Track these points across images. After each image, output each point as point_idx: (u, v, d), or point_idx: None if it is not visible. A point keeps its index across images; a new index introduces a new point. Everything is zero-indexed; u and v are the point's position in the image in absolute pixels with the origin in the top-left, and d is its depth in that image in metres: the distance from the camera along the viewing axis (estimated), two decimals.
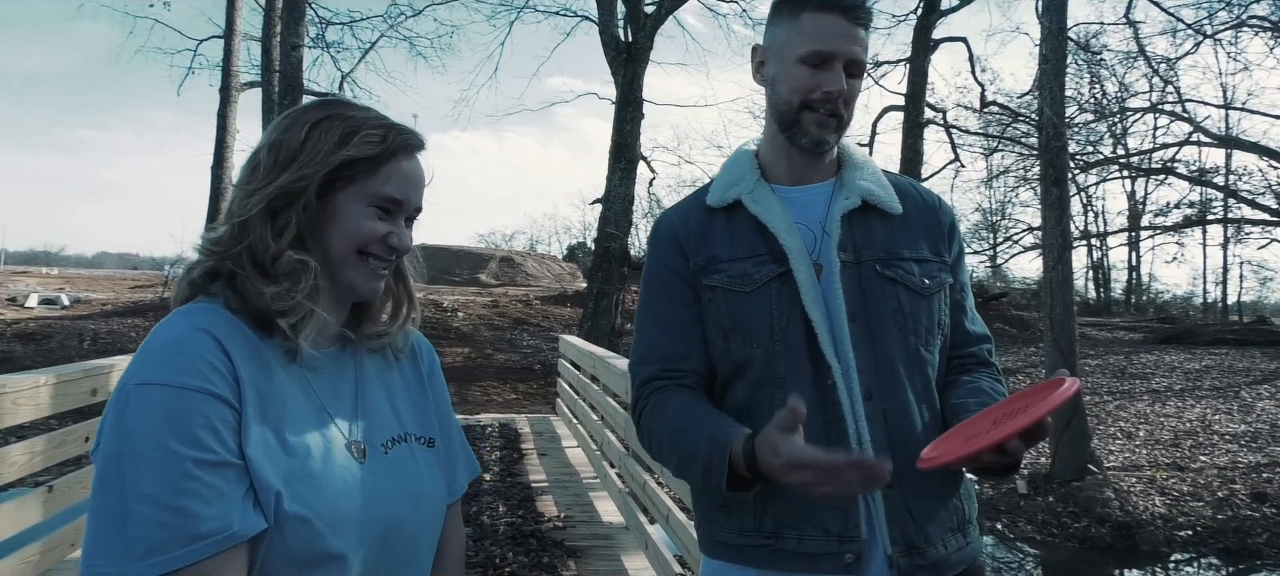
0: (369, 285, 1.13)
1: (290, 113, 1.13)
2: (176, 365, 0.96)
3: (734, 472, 1.34)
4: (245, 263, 1.05)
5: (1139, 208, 32.20)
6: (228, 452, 0.96)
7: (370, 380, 1.18)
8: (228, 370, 0.99)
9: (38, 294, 23.71)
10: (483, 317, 20.17)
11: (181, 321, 1.02)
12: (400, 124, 1.14)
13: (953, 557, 1.46)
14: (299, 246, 1.06)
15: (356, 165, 1.08)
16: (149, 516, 0.91)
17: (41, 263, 53.11)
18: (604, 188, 14.52)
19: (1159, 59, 18.82)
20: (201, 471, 0.93)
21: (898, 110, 16.44)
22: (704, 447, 1.38)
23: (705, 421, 1.42)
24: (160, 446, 0.92)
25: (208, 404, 0.96)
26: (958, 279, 1.58)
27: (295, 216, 1.06)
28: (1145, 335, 21.99)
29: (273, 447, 1.00)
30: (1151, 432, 12.16)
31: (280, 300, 1.04)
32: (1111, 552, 8.32)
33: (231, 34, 15.00)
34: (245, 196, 1.07)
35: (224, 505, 0.94)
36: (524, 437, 8.49)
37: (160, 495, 0.91)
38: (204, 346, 0.98)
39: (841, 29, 1.45)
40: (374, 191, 1.09)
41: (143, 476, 0.91)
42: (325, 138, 1.08)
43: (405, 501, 1.12)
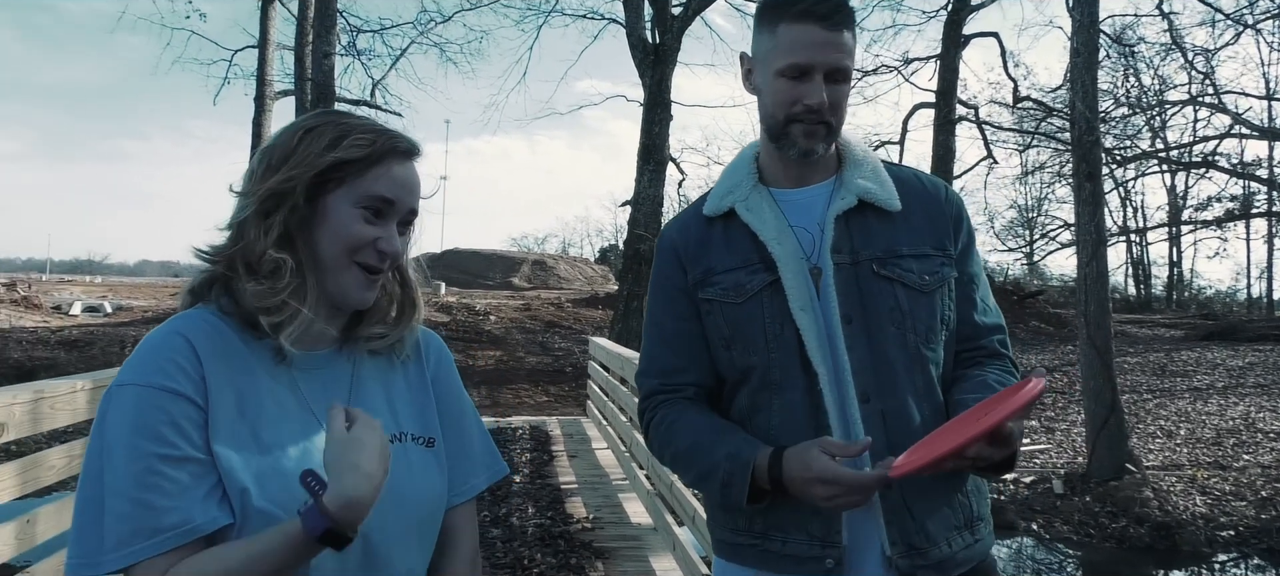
0: (360, 294, 1.14)
1: (289, 122, 1.17)
2: (147, 366, 1.02)
3: (753, 486, 1.41)
4: (238, 265, 1.09)
5: (1179, 202, 31.59)
6: (192, 448, 1.00)
7: (367, 381, 1.19)
8: (194, 370, 1.03)
9: (82, 302, 24.25)
10: (515, 321, 20.28)
11: (166, 324, 1.08)
12: (393, 129, 1.16)
13: (959, 556, 1.45)
14: (283, 246, 1.08)
15: (346, 166, 1.10)
16: (118, 510, 0.96)
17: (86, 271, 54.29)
18: (633, 190, 14.54)
19: (1197, 50, 18.45)
20: (165, 466, 0.98)
21: (929, 107, 16.29)
22: (723, 464, 1.44)
23: (721, 438, 1.47)
24: (129, 443, 0.98)
25: (171, 402, 1.00)
26: (965, 271, 1.55)
27: (283, 216, 1.09)
28: (1187, 332, 21.56)
29: (246, 445, 1.03)
30: (1193, 431, 11.93)
31: (262, 298, 1.07)
32: (1151, 553, 8.16)
33: (265, 44, 15.23)
34: (243, 200, 1.11)
35: (186, 499, 0.98)
36: (554, 439, 8.53)
37: (128, 489, 0.96)
38: (173, 347, 1.04)
39: (819, 38, 1.43)
40: (363, 192, 1.11)
41: (116, 472, 0.97)
42: (316, 142, 1.11)
43: (388, 500, 1.10)
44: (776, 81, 1.47)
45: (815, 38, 1.43)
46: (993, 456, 1.26)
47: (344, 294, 1.13)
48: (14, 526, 3.37)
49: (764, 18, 1.50)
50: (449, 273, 33.72)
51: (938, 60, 15.50)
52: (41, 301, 24.42)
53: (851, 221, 1.50)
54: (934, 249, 1.52)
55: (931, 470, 1.24)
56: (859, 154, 1.58)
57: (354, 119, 1.15)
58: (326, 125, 1.13)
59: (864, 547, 1.44)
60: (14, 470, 3.38)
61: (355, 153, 1.11)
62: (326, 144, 1.10)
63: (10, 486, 3.34)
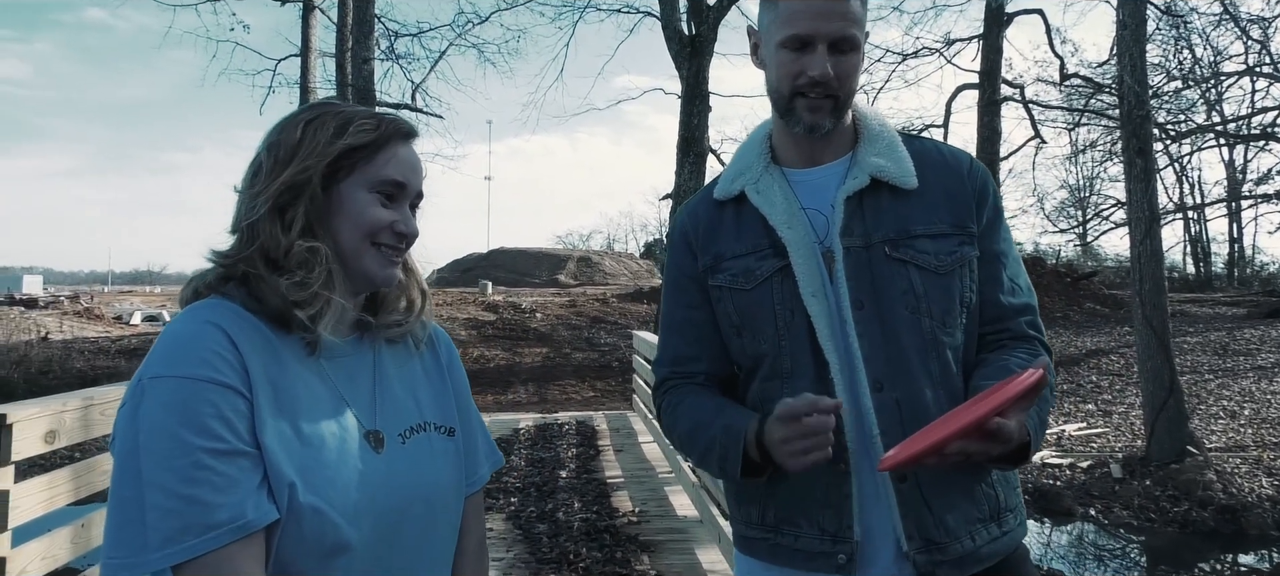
0: (384, 272, 1.14)
1: (281, 118, 1.16)
2: (185, 358, 0.98)
3: (747, 459, 1.37)
4: (258, 263, 1.07)
5: (1238, 176, 30.61)
6: (240, 441, 0.97)
7: (388, 370, 1.19)
8: (236, 360, 1.00)
9: (142, 311, 24.93)
10: (560, 317, 20.37)
11: (190, 316, 1.05)
12: (391, 113, 1.17)
13: (983, 549, 1.38)
14: (309, 236, 1.08)
15: (355, 153, 1.11)
16: (164, 506, 0.93)
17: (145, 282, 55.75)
18: (674, 183, 14.49)
19: (1252, 18, 17.83)
20: (214, 460, 0.95)
21: (972, 88, 15.99)
22: (720, 437, 1.41)
23: (719, 413, 1.44)
24: (172, 437, 0.94)
25: (217, 393, 0.97)
26: (989, 249, 1.47)
27: (303, 208, 1.08)
28: (1249, 309, 20.91)
29: (288, 438, 1.01)
30: (1257, 411, 11.55)
31: (296, 290, 1.05)
32: (1215, 537, 7.92)
33: (307, 52, 15.43)
34: (251, 200, 1.09)
35: (237, 494, 0.95)
36: (600, 434, 8.54)
37: (174, 485, 0.93)
38: (212, 338, 1.01)
39: (820, 8, 1.38)
40: (375, 176, 1.12)
41: (157, 467, 0.94)
42: (321, 131, 1.10)
43: (420, 490, 1.13)
44: (779, 54, 1.43)
45: (817, 7, 1.38)
46: (989, 451, 1.18)
47: (369, 275, 1.13)
48: (69, 531, 3.45)
49: None
50: (495, 272, 34.01)
51: (980, 40, 15.19)
52: (103, 312, 25.13)
53: (864, 201, 1.44)
54: (952, 227, 1.44)
55: (914, 464, 1.19)
56: (875, 128, 1.51)
57: (349, 106, 1.15)
58: (326, 115, 1.13)
59: (878, 542, 1.38)
60: (67, 476, 3.46)
61: (363, 138, 1.11)
62: (333, 132, 1.10)
63: (65, 492, 3.42)
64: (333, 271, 1.09)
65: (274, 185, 1.08)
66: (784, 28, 1.41)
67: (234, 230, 1.11)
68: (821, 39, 1.39)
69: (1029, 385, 1.14)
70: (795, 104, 1.43)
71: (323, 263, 1.08)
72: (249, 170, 1.13)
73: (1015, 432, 1.19)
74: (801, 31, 1.39)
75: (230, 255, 1.09)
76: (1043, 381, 1.16)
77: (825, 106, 1.42)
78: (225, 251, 1.11)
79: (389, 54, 16.27)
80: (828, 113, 1.43)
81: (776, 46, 1.43)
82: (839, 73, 1.40)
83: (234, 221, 1.12)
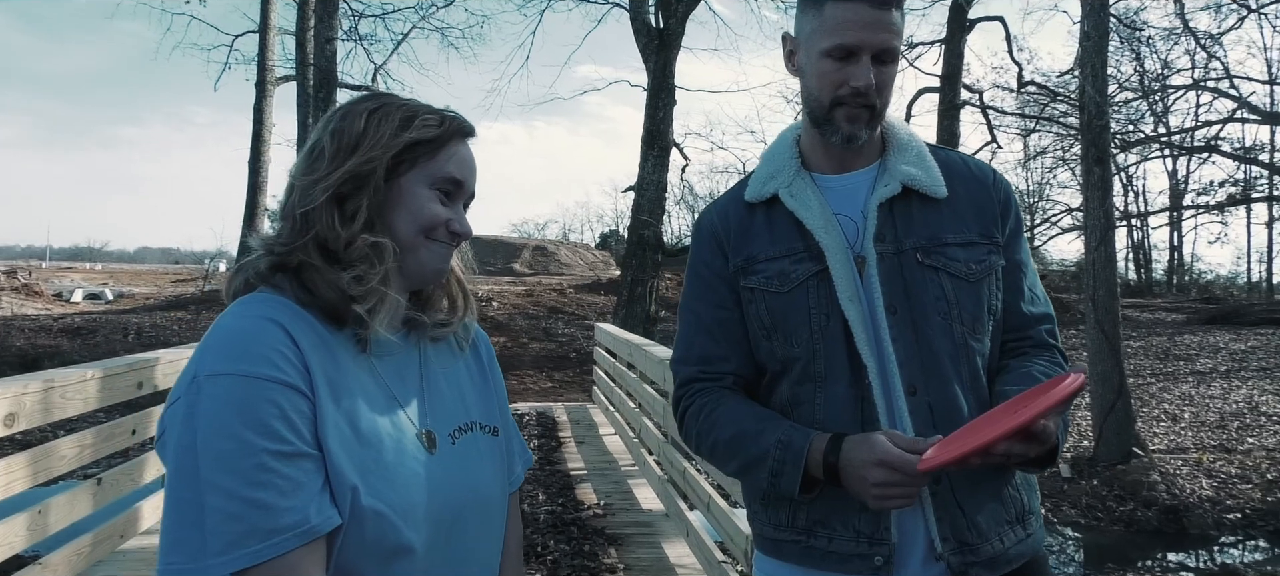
0: (439, 265, 1.13)
1: (342, 105, 1.13)
2: (246, 355, 0.95)
3: (805, 476, 1.37)
4: (314, 253, 1.04)
5: (1181, 187, 31.50)
6: (304, 443, 0.94)
7: (434, 368, 1.17)
8: (298, 359, 0.97)
9: (83, 289, 24.24)
10: (517, 306, 20.26)
11: (245, 311, 1.01)
12: (451, 110, 1.15)
13: (1011, 551, 1.41)
14: (371, 230, 1.06)
15: (418, 148, 1.09)
16: (225, 509, 0.89)
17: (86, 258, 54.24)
18: (637, 175, 14.48)
19: (1202, 34, 18.38)
20: (277, 462, 0.91)
21: (933, 92, 16.20)
22: (773, 452, 1.39)
23: (767, 426, 1.43)
24: (234, 438, 0.91)
25: (280, 393, 0.94)
26: (1012, 258, 1.50)
27: (366, 200, 1.05)
28: (1188, 316, 21.57)
29: (348, 439, 0.99)
30: (1197, 414, 11.94)
31: (355, 285, 1.03)
32: (1159, 536, 8.17)
33: (266, 28, 15.13)
34: (308, 187, 1.06)
35: (302, 497, 0.92)
36: (561, 426, 8.51)
37: (236, 487, 0.89)
38: (273, 336, 0.97)
39: (866, 18, 1.38)
40: (436, 172, 1.10)
41: (218, 469, 0.90)
42: (386, 123, 1.08)
43: (472, 490, 1.12)
44: (821, 62, 1.42)
45: (863, 17, 1.38)
46: (1027, 453, 1.22)
47: (423, 270, 1.11)
48: (26, 517, 3.34)
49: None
50: None
51: (943, 44, 15.40)
52: (42, 289, 24.39)
53: (895, 209, 1.46)
54: (980, 236, 1.47)
55: (959, 465, 1.21)
56: (904, 137, 1.53)
57: (412, 100, 1.14)
58: (391, 106, 1.10)
59: (911, 544, 1.40)
60: (25, 460, 3.35)
61: (427, 133, 1.09)
62: (398, 125, 1.08)
63: (22, 477, 3.31)
64: (391, 267, 1.07)
65: (336, 174, 1.05)
66: (829, 37, 1.40)
67: (284, 216, 1.08)
68: (867, 50, 1.39)
69: (1073, 390, 1.16)
70: (835, 113, 1.43)
71: (386, 259, 1.05)
72: (305, 155, 1.10)
73: (1054, 435, 1.23)
74: (848, 41, 1.39)
75: (284, 243, 1.05)
76: (1083, 387, 1.19)
77: (863, 116, 1.43)
78: (276, 238, 1.07)
79: (352, 34, 16.02)
80: (865, 123, 1.44)
81: (819, 55, 1.42)
82: (879, 84, 1.41)
83: (284, 207, 1.08)
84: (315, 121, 12.03)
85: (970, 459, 1.17)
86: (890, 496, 1.27)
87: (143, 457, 4.48)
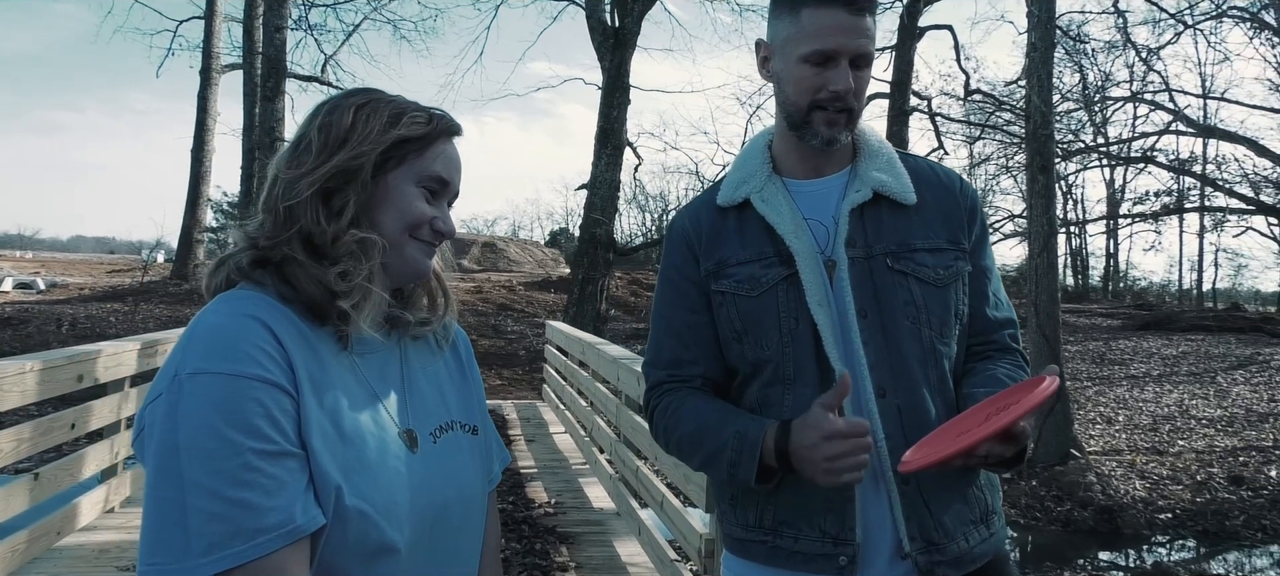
0: (423, 263, 1.13)
1: (329, 99, 1.12)
2: (229, 353, 0.93)
3: (762, 465, 1.38)
4: (298, 248, 1.02)
5: (1118, 196, 32.48)
6: (288, 442, 0.93)
7: (415, 367, 1.16)
8: (282, 357, 0.96)
9: (12, 278, 23.41)
10: (466, 303, 20.08)
11: (228, 308, 0.99)
12: (438, 109, 1.14)
13: (975, 550, 1.45)
14: (357, 226, 1.05)
15: (407, 145, 1.08)
16: (209, 510, 0.87)
17: (16, 246, 52.40)
18: (590, 173, 14.47)
19: (1141, 49, 18.96)
20: (262, 462, 0.90)
21: (883, 98, 16.47)
22: (731, 443, 1.41)
23: (727, 419, 1.45)
24: (218, 437, 0.89)
25: (265, 392, 0.93)
26: (978, 264, 1.54)
27: (353, 196, 1.04)
28: (1123, 321, 22.22)
29: (331, 437, 0.98)
30: (1131, 417, 12.30)
31: (340, 281, 1.02)
32: (1094, 536, 8.41)
33: (212, 15, 14.78)
34: (293, 180, 1.04)
35: (286, 497, 0.91)
36: (511, 424, 8.47)
37: (220, 487, 0.88)
38: (256, 333, 0.96)
39: (844, 23, 1.40)
40: (423, 171, 1.10)
41: (201, 469, 0.88)
42: (374, 118, 1.07)
43: (453, 489, 1.11)
44: (799, 68, 1.44)
45: (841, 22, 1.40)
46: (1003, 454, 1.27)
47: (407, 268, 1.11)
48: None
49: (784, 1, 1.47)
50: None
51: (892, 51, 15.66)
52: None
53: (866, 214, 1.48)
54: (948, 243, 1.50)
55: (941, 467, 1.23)
56: (874, 144, 1.56)
57: (399, 97, 1.13)
58: (378, 102, 1.10)
59: (877, 544, 1.42)
60: None
61: (416, 131, 1.09)
62: (386, 121, 1.07)
63: None
64: (377, 264, 1.06)
65: (323, 168, 1.03)
66: (807, 43, 1.42)
67: (266, 209, 1.06)
68: (845, 54, 1.41)
69: (1050, 393, 1.19)
70: (813, 117, 1.45)
71: (373, 255, 1.04)
72: (290, 149, 1.08)
73: (1027, 435, 1.27)
74: (826, 47, 1.40)
75: (268, 237, 1.04)
76: (1058, 390, 1.23)
77: (841, 121, 1.45)
78: (258, 231, 1.05)
79: (301, 23, 15.74)
80: (843, 126, 1.46)
81: (797, 60, 1.44)
82: (856, 88, 1.44)
83: (267, 200, 1.06)
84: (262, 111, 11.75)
85: (954, 460, 1.20)
86: (841, 468, 1.27)
87: (81, 452, 4.36)
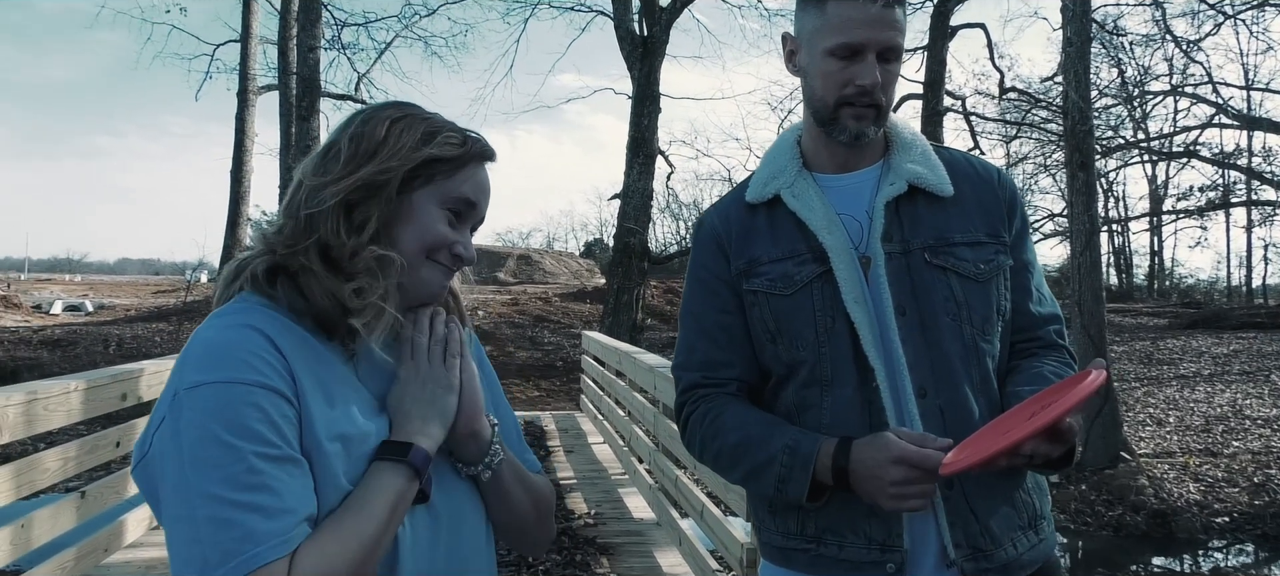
0: (439, 284, 1.11)
1: (365, 109, 1.11)
2: (224, 362, 0.93)
3: (814, 482, 1.34)
4: (314, 258, 1.01)
5: (1161, 192, 31.81)
6: (289, 447, 0.92)
7: None
8: (280, 364, 0.95)
9: (62, 300, 23.96)
10: (503, 316, 20.18)
11: (222, 322, 0.99)
12: (474, 132, 1.13)
13: (1024, 557, 1.39)
14: (378, 242, 1.03)
15: (437, 165, 1.06)
16: (218, 517, 0.87)
17: (65, 270, 53.66)
18: (622, 183, 14.48)
19: (1182, 40, 18.58)
20: (265, 465, 0.90)
21: (916, 98, 16.30)
22: (781, 458, 1.37)
23: (773, 431, 1.40)
24: (220, 444, 0.89)
25: (263, 397, 0.92)
26: (1020, 258, 1.48)
27: (376, 211, 1.03)
28: (1170, 320, 21.75)
29: (339, 442, 0.97)
30: (1182, 418, 12.00)
31: (356, 298, 1.00)
32: (1147, 541, 8.20)
33: (248, 38, 15.03)
34: (317, 188, 1.03)
35: (293, 498, 0.91)
36: (549, 435, 8.46)
37: (226, 493, 0.87)
38: (252, 341, 0.95)
39: (870, 16, 1.36)
40: (450, 192, 1.08)
41: (206, 478, 0.88)
42: (407, 134, 1.06)
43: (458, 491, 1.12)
44: (826, 61, 1.40)
45: (867, 15, 1.36)
46: (1050, 453, 1.21)
47: (421, 290, 1.09)
48: (9, 531, 3.28)
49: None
50: None
51: (924, 51, 15.49)
52: (21, 300, 24.09)
53: (902, 208, 1.43)
54: (988, 236, 1.44)
55: (984, 467, 1.18)
56: (907, 137, 1.51)
57: (434, 115, 1.11)
58: (413, 117, 1.08)
59: (923, 551, 1.38)
60: (8, 474, 3.29)
61: (449, 151, 1.07)
62: (419, 138, 1.06)
63: (4, 491, 3.25)
64: (392, 284, 1.04)
65: (350, 179, 1.02)
66: (833, 36, 1.38)
67: (288, 214, 1.04)
68: (872, 48, 1.37)
69: (1096, 387, 1.14)
70: (841, 113, 1.41)
71: (392, 274, 1.03)
72: (319, 156, 1.07)
73: (1074, 433, 1.21)
74: (853, 40, 1.37)
75: (286, 243, 1.02)
76: (1106, 383, 1.17)
77: (869, 115, 1.41)
78: (277, 236, 1.04)
79: (335, 43, 15.96)
80: (871, 121, 1.42)
81: (823, 54, 1.40)
82: (884, 81, 1.39)
83: (289, 205, 1.05)
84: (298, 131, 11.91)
85: (998, 459, 1.15)
86: (907, 495, 1.25)
87: (127, 470, 4.40)
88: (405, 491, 0.98)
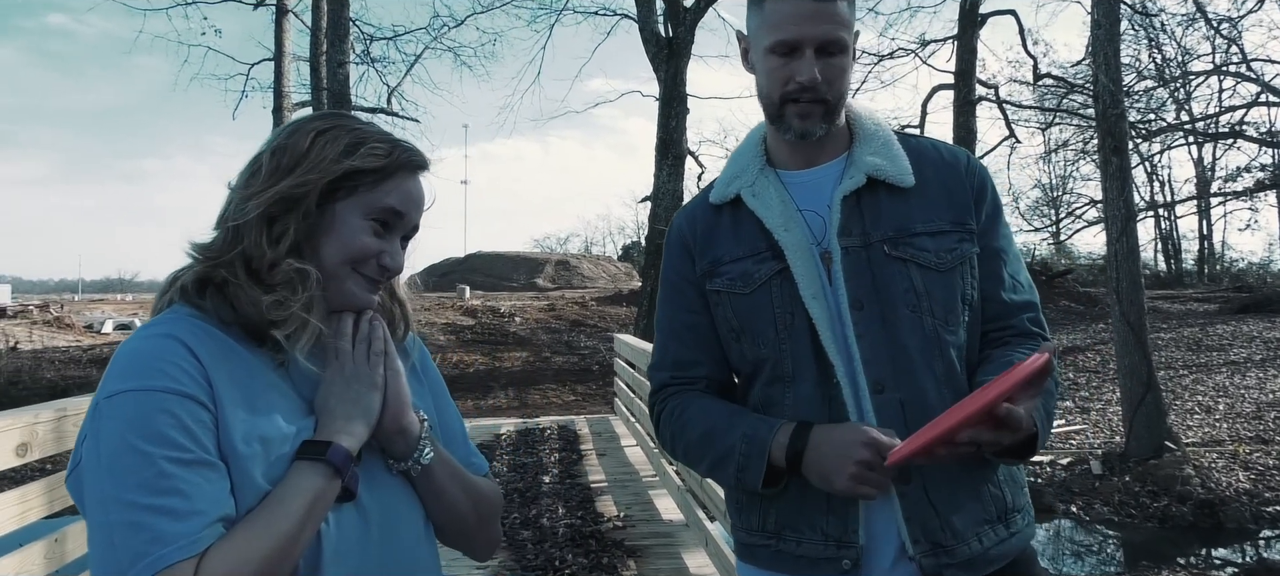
0: (364, 296, 1.12)
1: (294, 121, 1.12)
2: (141, 371, 0.95)
3: (770, 469, 1.35)
4: (238, 270, 1.03)
5: (1207, 174, 31.05)
6: (203, 452, 0.94)
7: None
8: (197, 371, 0.97)
9: (113, 320, 24.58)
10: (540, 321, 20.30)
11: (146, 332, 1.01)
12: (406, 141, 1.13)
13: (992, 552, 1.36)
14: (297, 254, 1.04)
15: (360, 176, 1.07)
16: (130, 521, 0.89)
17: (116, 290, 55.02)
18: (652, 185, 14.49)
19: (1220, 18, 18.11)
20: (176, 469, 0.91)
21: (948, 89, 16.11)
22: (739, 447, 1.38)
23: (735, 421, 1.41)
24: (133, 450, 0.91)
25: (176, 403, 0.94)
26: (990, 245, 1.45)
27: (294, 223, 1.04)
28: (1220, 305, 21.21)
29: (258, 446, 0.99)
30: (1232, 405, 11.70)
31: (276, 310, 1.02)
32: (1194, 531, 7.99)
33: (281, 56, 15.26)
34: (242, 200, 1.05)
35: (205, 501, 0.92)
36: (583, 438, 8.49)
37: (138, 497, 0.90)
38: (169, 350, 0.97)
39: (805, 10, 1.35)
40: (374, 203, 1.08)
41: (120, 484, 0.90)
42: (330, 146, 1.07)
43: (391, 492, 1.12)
44: (767, 59, 1.40)
45: (801, 10, 1.35)
46: (999, 441, 1.17)
47: (346, 300, 1.10)
48: (43, 545, 3.36)
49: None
50: (473, 276, 33.85)
51: (955, 41, 15.30)
52: (73, 321, 24.76)
53: (862, 201, 1.42)
54: (952, 224, 1.42)
55: (925, 458, 1.17)
56: (870, 128, 1.49)
57: (365, 125, 1.12)
58: (338, 129, 1.09)
59: (881, 547, 1.36)
60: (41, 489, 3.37)
61: (371, 162, 1.08)
62: (342, 150, 1.07)
63: (38, 505, 3.33)
64: (314, 295, 1.05)
65: (270, 192, 1.03)
66: (770, 33, 1.38)
67: (219, 226, 1.07)
68: (809, 43, 1.36)
69: (1035, 370, 1.12)
70: (785, 110, 1.41)
71: (309, 286, 1.04)
72: (247, 168, 1.09)
73: (1025, 421, 1.17)
74: (788, 37, 1.37)
75: (212, 253, 1.05)
76: (1048, 366, 1.15)
77: (816, 112, 1.40)
78: (206, 245, 1.06)
79: (364, 57, 16.17)
80: (819, 118, 1.41)
81: (764, 52, 1.40)
82: (827, 76, 1.38)
83: (220, 216, 1.07)
84: None
85: (935, 449, 1.13)
86: (867, 480, 1.24)
87: None
88: (324, 489, 0.99)
